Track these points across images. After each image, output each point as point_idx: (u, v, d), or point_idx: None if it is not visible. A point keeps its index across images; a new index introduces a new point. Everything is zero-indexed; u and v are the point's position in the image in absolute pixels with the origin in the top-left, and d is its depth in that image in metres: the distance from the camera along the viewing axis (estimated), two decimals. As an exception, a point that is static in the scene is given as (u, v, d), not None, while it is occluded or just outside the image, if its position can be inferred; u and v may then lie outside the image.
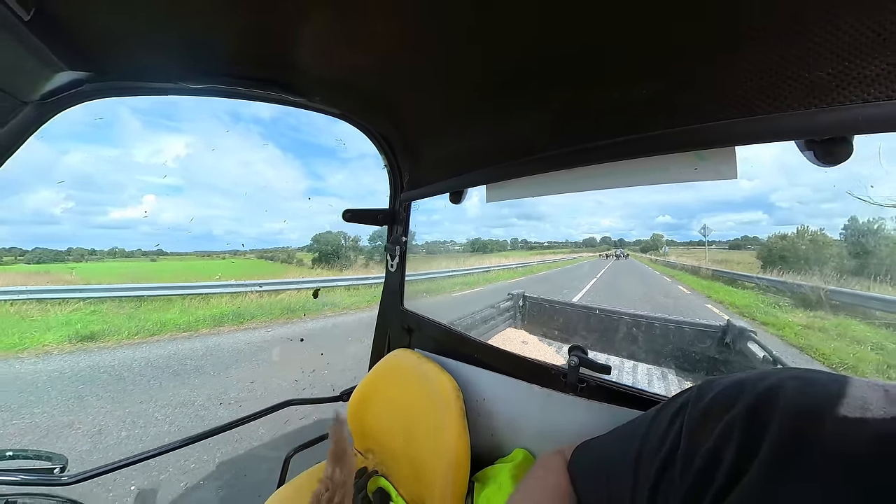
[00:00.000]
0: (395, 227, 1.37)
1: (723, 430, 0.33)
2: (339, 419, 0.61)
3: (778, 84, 0.48)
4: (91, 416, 3.07)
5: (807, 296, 7.29)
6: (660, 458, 0.38)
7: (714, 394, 0.37)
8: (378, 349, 1.50)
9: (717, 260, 21.27)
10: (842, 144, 0.48)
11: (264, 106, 1.53)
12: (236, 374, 4.06)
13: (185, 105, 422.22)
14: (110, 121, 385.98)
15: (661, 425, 0.41)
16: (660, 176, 0.73)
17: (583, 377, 0.78)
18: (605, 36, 0.57)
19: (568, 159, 0.77)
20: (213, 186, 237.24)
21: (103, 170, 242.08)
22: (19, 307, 6.38)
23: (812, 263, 17.64)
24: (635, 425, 0.47)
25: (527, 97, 0.78)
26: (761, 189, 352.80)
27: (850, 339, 5.13)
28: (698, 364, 2.79)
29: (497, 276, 14.54)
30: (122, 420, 3.03)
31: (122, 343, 5.32)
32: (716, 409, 0.35)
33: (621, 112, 0.67)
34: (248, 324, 6.46)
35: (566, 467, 0.57)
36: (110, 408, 3.24)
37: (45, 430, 2.86)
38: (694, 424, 0.37)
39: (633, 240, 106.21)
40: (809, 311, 6.76)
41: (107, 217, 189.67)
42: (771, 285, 8.63)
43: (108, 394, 3.56)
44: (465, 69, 0.75)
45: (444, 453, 0.86)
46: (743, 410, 0.33)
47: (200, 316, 6.55)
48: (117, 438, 2.74)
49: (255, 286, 8.33)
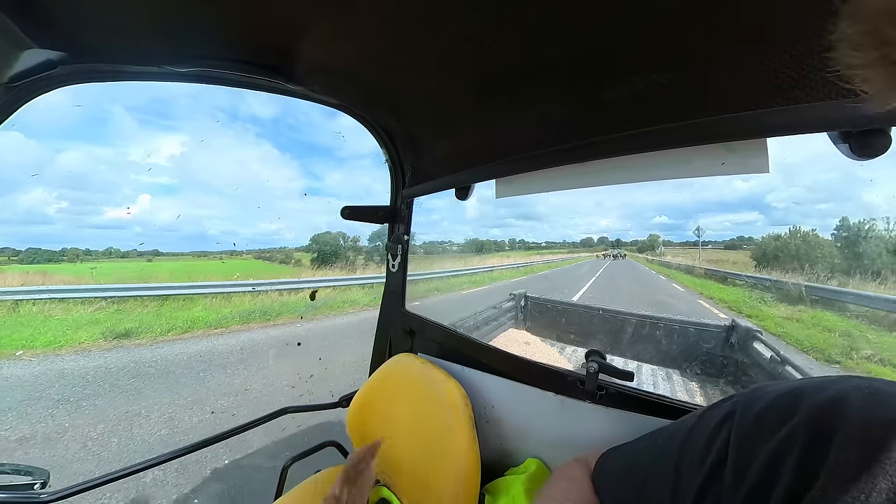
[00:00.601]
0: (396, 225, 1.32)
1: (780, 443, 0.30)
2: (373, 447, 0.57)
3: (814, 73, 0.45)
4: (156, 406, 3.21)
5: (789, 291, 8.13)
6: (705, 468, 0.35)
7: (767, 402, 0.34)
8: (379, 353, 1.45)
9: (712, 260, 22.87)
10: (880, 137, 0.45)
11: (262, 105, 1.45)
12: (279, 366, 4.29)
13: (180, 103, 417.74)
14: (104, 118, 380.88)
15: (703, 433, 0.38)
16: (683, 169, 0.69)
17: (602, 384, 0.74)
18: (624, 19, 0.54)
19: (583, 153, 0.73)
20: (208, 185, 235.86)
21: (98, 169, 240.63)
22: (42, 306, 6.48)
23: (804, 262, 18.56)
24: (670, 432, 0.44)
25: (539, 89, 0.74)
26: (757, 190, 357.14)
27: (822, 328, 5.72)
28: (704, 365, 2.76)
29: (500, 275, 15.08)
30: (187, 408, 3.17)
31: (157, 340, 5.45)
32: (770, 420, 0.33)
33: (641, 101, 0.63)
34: (276, 320, 6.71)
35: (590, 477, 0.54)
36: (171, 398, 3.36)
37: (117, 420, 2.99)
38: (744, 435, 0.34)
39: (630, 240, 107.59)
40: (790, 304, 7.49)
41: (101, 217, 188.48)
42: (757, 283, 9.46)
43: (164, 385, 3.68)
44: (473, 61, 0.72)
45: (453, 463, 0.82)
46: (803, 423, 0.30)
47: (226, 314, 6.75)
48: (190, 423, 2.91)
49: (278, 285, 8.78)
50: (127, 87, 3.98)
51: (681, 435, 0.41)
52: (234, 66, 0.77)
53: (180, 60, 0.73)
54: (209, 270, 15.67)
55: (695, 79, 0.56)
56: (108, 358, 4.61)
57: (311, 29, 0.68)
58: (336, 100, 0.99)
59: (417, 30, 0.65)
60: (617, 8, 0.52)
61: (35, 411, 3.11)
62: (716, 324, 2.85)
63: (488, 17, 0.58)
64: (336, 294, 9.12)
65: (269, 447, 2.45)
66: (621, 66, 0.62)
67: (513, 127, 0.85)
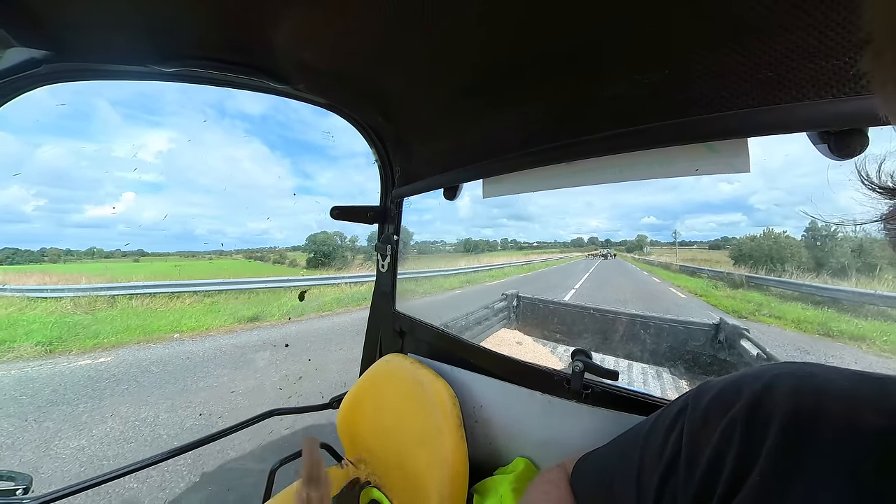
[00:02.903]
0: (386, 225, 1.31)
1: (723, 433, 0.33)
2: (311, 439, 0.57)
3: (793, 73, 0.46)
4: (312, 368, 4.18)
5: (734, 280, 11.29)
6: (661, 466, 0.37)
7: (712, 395, 0.37)
8: (369, 354, 1.44)
9: (697, 259, 26.17)
10: (857, 136, 0.46)
11: (251, 102, 1.42)
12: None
13: (168, 98, 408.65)
14: (87, 112, 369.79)
15: (659, 432, 0.40)
16: (666, 169, 0.70)
17: (587, 383, 0.74)
18: (606, 24, 0.54)
19: (568, 152, 0.74)
20: (196, 183, 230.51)
21: (80, 165, 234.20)
22: (131, 301, 7.47)
23: (775, 260, 21.08)
24: (634, 434, 0.46)
25: (524, 88, 0.74)
26: (741, 192, 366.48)
27: (746, 301, 8.60)
28: (692, 362, 2.81)
29: (511, 271, 18.06)
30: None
31: (275, 323, 6.69)
32: (715, 412, 0.35)
33: (624, 102, 0.64)
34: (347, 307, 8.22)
35: (568, 481, 0.55)
36: (323, 361, 4.42)
37: (298, 375, 3.96)
38: (694, 428, 0.36)
39: (619, 240, 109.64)
40: (732, 289, 10.41)
41: (83, 215, 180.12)
42: (716, 275, 12.76)
43: (319, 346, 5.01)
44: (460, 60, 0.71)
45: (441, 463, 0.82)
46: (742, 412, 0.32)
47: (328, 301, 8.35)
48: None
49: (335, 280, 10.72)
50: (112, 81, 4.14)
51: (642, 435, 0.43)
52: (220, 65, 0.75)
53: (165, 60, 0.72)
54: (211, 270, 16.44)
55: (677, 79, 0.56)
56: (256, 336, 5.68)
57: (296, 28, 0.67)
58: (324, 99, 0.98)
59: (405, 29, 0.65)
60: (602, 8, 0.52)
61: (254, 368, 4.21)
62: (703, 322, 2.89)
63: (478, 15, 0.58)
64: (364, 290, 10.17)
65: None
66: (606, 65, 0.62)
67: (500, 126, 0.85)
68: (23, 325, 5.79)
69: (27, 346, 5.03)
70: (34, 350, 4.94)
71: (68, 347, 5.09)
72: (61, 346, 5.10)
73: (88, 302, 7.09)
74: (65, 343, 5.18)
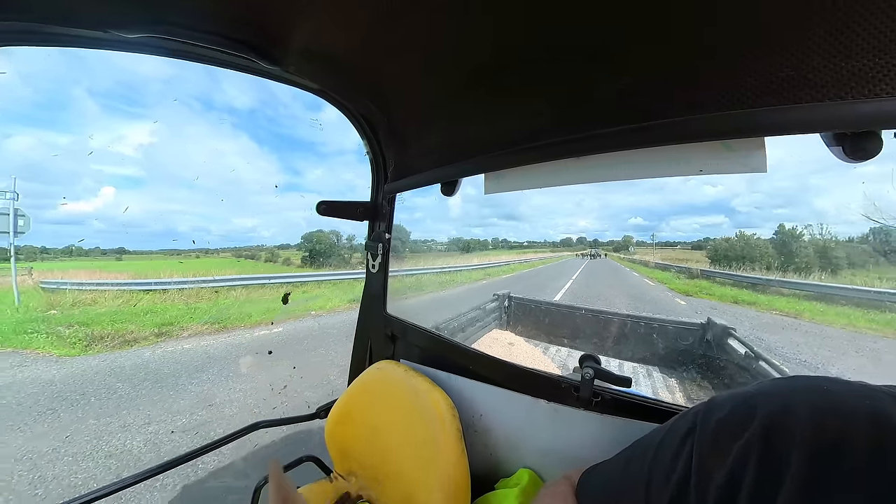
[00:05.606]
0: (377, 222, 1.25)
1: (737, 458, 0.31)
2: (275, 465, 0.53)
3: (814, 73, 0.45)
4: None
5: (692, 272, 14.54)
6: (670, 487, 0.35)
7: (722, 415, 0.35)
8: (359, 360, 1.37)
9: (677, 258, 28.75)
10: (872, 139, 0.46)
11: (240, 93, 1.31)
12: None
13: (150, 89, 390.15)
14: (62, 101, 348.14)
15: (669, 450, 0.38)
16: (680, 167, 0.67)
17: (597, 390, 0.70)
18: (620, 13, 0.51)
19: (576, 147, 0.70)
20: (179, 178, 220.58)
21: (54, 157, 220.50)
22: (231, 292, 8.64)
23: (746, 259, 23.84)
24: (643, 448, 0.44)
25: (530, 81, 0.70)
26: (724, 195, 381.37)
27: (695, 286, 11.11)
28: (682, 361, 2.85)
29: (515, 267, 20.95)
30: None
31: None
32: (725, 433, 0.33)
33: (636, 97, 0.61)
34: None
35: (574, 494, 0.53)
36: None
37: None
38: (703, 452, 0.34)
39: (606, 240, 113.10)
40: (689, 279, 13.37)
41: (57, 211, 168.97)
42: (679, 270, 16.16)
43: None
44: (461, 49, 0.67)
45: (440, 477, 0.78)
46: (757, 434, 0.31)
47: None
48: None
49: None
50: (90, 68, 3.93)
51: (650, 452, 0.41)
52: (197, 35, 0.66)
53: (129, 24, 0.62)
54: (213, 267, 16.76)
55: (692, 77, 0.54)
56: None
57: (290, 4, 0.60)
58: (314, 84, 0.91)
59: (404, 13, 0.60)
60: (614, 2, 0.49)
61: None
62: (692, 322, 2.94)
63: (481, 8, 0.54)
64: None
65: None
66: (616, 61, 0.59)
67: (504, 119, 0.81)
68: (162, 313, 6.73)
69: (196, 325, 6.04)
70: (206, 327, 5.98)
71: (233, 324, 6.13)
72: (226, 323, 6.18)
73: (195, 293, 8.26)
74: (227, 321, 6.23)
